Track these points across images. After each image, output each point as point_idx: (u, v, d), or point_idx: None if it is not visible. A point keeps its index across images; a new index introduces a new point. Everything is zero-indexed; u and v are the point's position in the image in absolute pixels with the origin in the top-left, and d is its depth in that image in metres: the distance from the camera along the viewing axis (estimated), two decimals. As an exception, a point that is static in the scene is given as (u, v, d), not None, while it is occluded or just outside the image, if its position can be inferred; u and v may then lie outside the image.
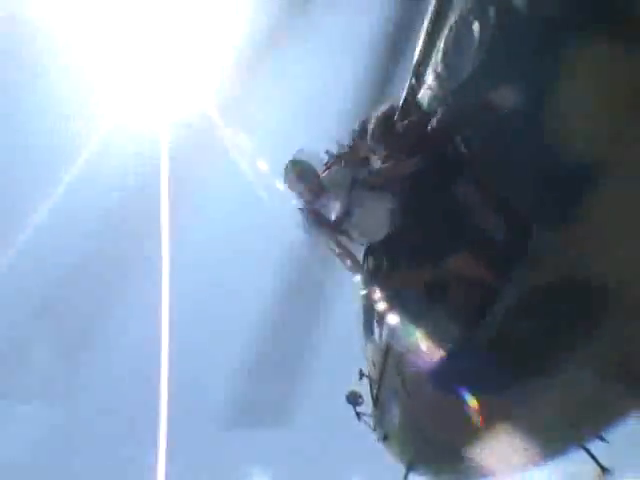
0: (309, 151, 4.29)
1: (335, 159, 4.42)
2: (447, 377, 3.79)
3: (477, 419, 4.21)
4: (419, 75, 4.32)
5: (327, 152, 4.53)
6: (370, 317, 5.06)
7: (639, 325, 3.33)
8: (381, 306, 4.33)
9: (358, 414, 5.51)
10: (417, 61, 4.32)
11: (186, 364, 15.95)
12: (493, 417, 4.19)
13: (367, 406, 5.50)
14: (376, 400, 5.20)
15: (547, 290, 3.25)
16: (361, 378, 5.38)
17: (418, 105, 4.20)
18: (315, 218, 4.08)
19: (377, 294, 4.35)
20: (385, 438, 5.27)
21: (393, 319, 4.13)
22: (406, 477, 5.09)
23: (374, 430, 5.43)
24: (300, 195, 4.21)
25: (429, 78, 4.15)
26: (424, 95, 4.18)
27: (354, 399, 5.50)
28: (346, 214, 3.94)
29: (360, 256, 4.46)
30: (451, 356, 3.67)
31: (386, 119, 3.99)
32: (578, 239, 3.00)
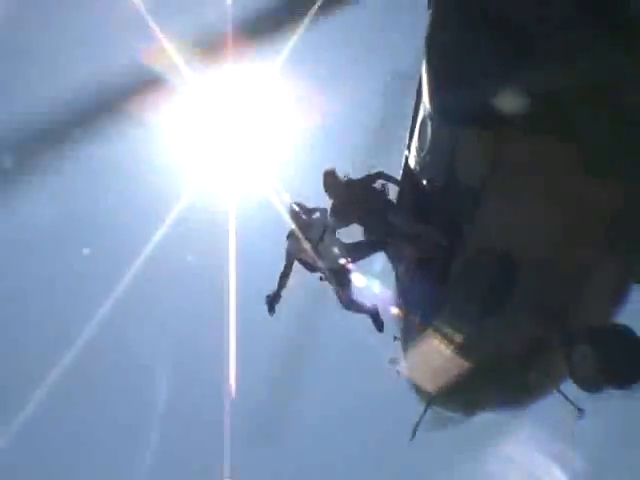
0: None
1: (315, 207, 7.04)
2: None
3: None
4: (409, 148, 7.30)
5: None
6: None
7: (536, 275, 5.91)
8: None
9: (398, 372, 8.14)
10: (407, 139, 7.31)
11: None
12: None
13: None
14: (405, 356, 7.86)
15: (477, 256, 5.97)
16: (395, 340, 8.05)
17: (409, 167, 7.15)
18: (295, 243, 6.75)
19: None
20: (412, 385, 7.86)
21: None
22: (423, 414, 7.59)
23: (407, 381, 8.02)
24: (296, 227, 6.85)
25: (413, 150, 7.12)
26: (411, 160, 7.13)
27: (395, 362, 8.16)
28: (320, 241, 6.65)
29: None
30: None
31: (330, 176, 6.75)
32: (483, 226, 5.79)
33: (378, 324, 7.21)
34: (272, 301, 6.89)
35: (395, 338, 7.94)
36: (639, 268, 6.22)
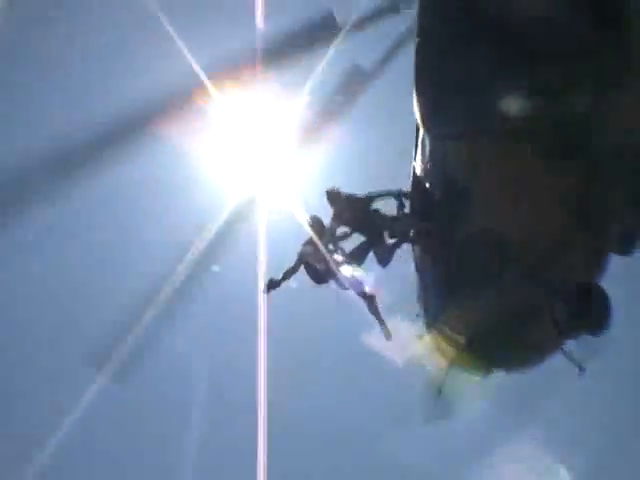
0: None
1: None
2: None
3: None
4: (416, 158, 8.98)
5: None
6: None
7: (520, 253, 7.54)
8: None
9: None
10: (414, 150, 8.99)
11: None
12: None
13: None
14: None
15: (469, 238, 7.62)
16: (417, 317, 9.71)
17: (415, 175, 8.83)
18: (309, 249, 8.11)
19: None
20: (436, 352, 9.52)
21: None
22: (446, 376, 9.17)
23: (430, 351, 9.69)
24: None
25: (418, 164, 8.81)
26: (417, 169, 8.82)
27: (420, 337, 9.81)
28: (331, 249, 8.06)
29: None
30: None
31: (336, 195, 8.32)
32: (470, 218, 7.46)
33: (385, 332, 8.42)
34: (271, 285, 8.30)
35: (417, 315, 9.62)
36: (609, 241, 7.84)
